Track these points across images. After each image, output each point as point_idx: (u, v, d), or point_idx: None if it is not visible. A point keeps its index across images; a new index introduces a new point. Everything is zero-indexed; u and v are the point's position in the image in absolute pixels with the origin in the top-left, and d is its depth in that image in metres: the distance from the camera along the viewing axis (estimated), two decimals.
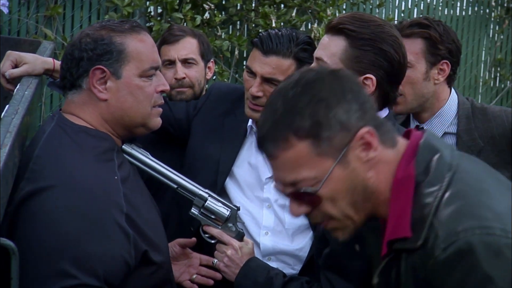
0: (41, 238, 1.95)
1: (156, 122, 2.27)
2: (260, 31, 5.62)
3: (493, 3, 7.68)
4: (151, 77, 2.19)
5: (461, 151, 2.84)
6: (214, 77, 5.77)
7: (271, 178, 2.75)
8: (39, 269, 1.93)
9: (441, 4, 7.56)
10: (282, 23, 5.95)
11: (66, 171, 2.02)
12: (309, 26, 6.30)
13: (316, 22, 6.22)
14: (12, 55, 2.47)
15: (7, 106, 2.11)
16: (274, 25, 5.78)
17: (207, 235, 2.49)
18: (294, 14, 6.05)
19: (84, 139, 2.11)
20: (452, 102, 2.92)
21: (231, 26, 6.19)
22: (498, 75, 7.92)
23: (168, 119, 2.89)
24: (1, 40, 2.99)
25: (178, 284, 2.54)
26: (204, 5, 5.76)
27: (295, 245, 2.71)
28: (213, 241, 2.49)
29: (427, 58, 2.82)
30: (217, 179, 2.76)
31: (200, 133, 2.87)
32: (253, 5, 6.14)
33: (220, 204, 2.46)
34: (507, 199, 1.63)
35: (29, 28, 5.53)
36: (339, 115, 1.62)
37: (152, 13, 5.87)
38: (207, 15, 5.77)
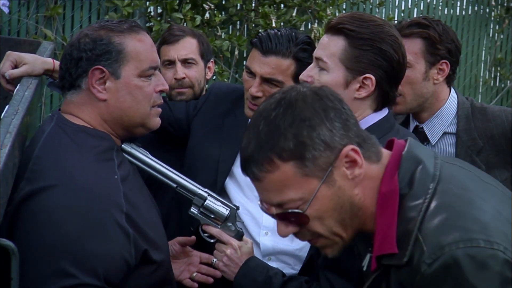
0: (41, 237, 1.95)
1: (156, 122, 2.26)
2: (259, 31, 5.62)
3: (493, 3, 7.68)
4: (150, 77, 2.19)
5: (460, 151, 2.85)
6: (214, 77, 5.77)
7: None
8: (39, 268, 1.93)
9: (441, 3, 7.56)
10: (282, 23, 5.95)
11: (66, 171, 2.02)
12: (309, 26, 6.30)
13: (316, 22, 6.22)
14: (12, 55, 2.47)
15: (7, 106, 2.11)
16: (274, 25, 5.79)
17: (206, 235, 2.49)
18: (294, 14, 6.06)
19: (83, 138, 2.11)
20: (451, 102, 2.92)
21: (231, 26, 6.20)
22: (498, 74, 7.92)
23: (168, 119, 2.89)
24: (1, 40, 2.99)
25: (179, 282, 2.54)
26: (204, 5, 5.76)
27: (295, 245, 2.71)
28: (212, 241, 2.48)
29: (427, 58, 2.81)
30: (217, 179, 2.76)
31: (200, 133, 2.87)
32: (253, 5, 6.14)
33: (219, 203, 2.46)
34: (491, 207, 1.63)
35: (29, 29, 5.53)
36: (323, 134, 1.61)
37: (152, 13, 5.87)
38: (207, 15, 5.78)
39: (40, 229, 1.95)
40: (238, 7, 6.04)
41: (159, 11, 5.83)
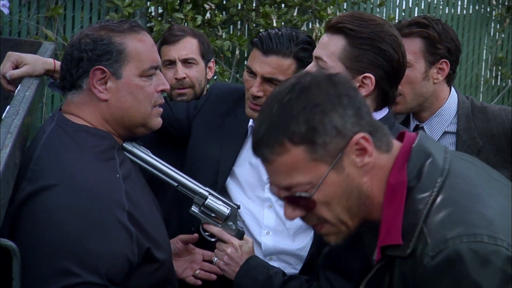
0: (43, 237, 1.95)
1: (157, 122, 2.27)
2: (260, 31, 5.62)
3: (494, 2, 7.67)
4: (151, 77, 2.20)
5: (460, 150, 2.85)
6: (215, 77, 5.77)
7: None
8: (41, 268, 1.94)
9: (442, 3, 7.55)
10: (283, 23, 5.95)
11: (67, 170, 2.02)
12: (310, 26, 6.30)
13: (317, 21, 6.22)
14: (13, 56, 2.47)
15: (8, 107, 2.11)
16: (275, 24, 5.79)
17: (207, 233, 2.49)
18: (295, 14, 6.06)
19: (84, 138, 2.12)
20: (452, 101, 2.92)
21: (231, 26, 6.20)
22: (499, 73, 7.92)
23: (169, 119, 2.89)
24: (1, 41, 3.00)
25: (181, 280, 2.54)
26: (205, 5, 5.76)
27: (297, 244, 2.71)
28: (213, 239, 2.49)
29: (426, 58, 2.81)
30: (217, 179, 2.76)
31: (201, 133, 2.87)
32: (254, 4, 6.14)
33: (220, 202, 2.46)
34: (498, 203, 1.63)
35: (29, 29, 5.54)
36: (335, 120, 1.62)
37: (153, 14, 5.88)
38: (208, 15, 5.78)
39: (42, 229, 1.96)
40: (239, 7, 6.04)
41: (160, 11, 5.83)
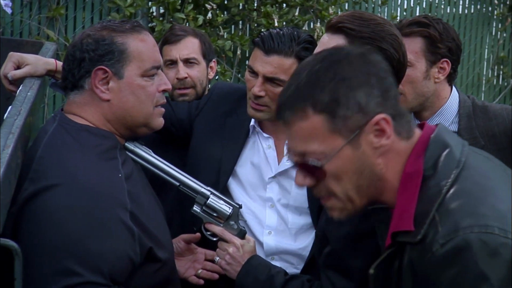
0: (45, 237, 1.95)
1: (159, 122, 2.26)
2: (262, 30, 5.62)
3: (496, 1, 7.67)
4: (153, 77, 2.20)
5: None
6: (216, 77, 5.78)
7: (273, 178, 2.75)
8: (44, 268, 1.94)
9: (443, 2, 7.55)
10: (284, 23, 5.96)
11: (69, 170, 2.02)
12: (311, 25, 6.30)
13: (319, 21, 6.22)
14: (15, 56, 2.47)
15: (9, 107, 2.11)
16: (276, 24, 5.79)
17: (209, 233, 2.49)
18: (296, 14, 6.06)
19: (86, 138, 2.12)
20: (453, 101, 2.91)
21: (233, 26, 6.21)
22: (501, 73, 7.91)
23: (171, 119, 2.89)
24: (3, 41, 3.00)
25: (184, 279, 2.55)
26: (206, 5, 5.77)
27: (298, 244, 2.72)
28: (215, 239, 2.49)
29: (427, 57, 2.81)
30: (219, 178, 2.76)
31: (202, 133, 2.87)
32: (255, 4, 6.14)
33: (222, 202, 2.47)
34: (510, 198, 1.63)
35: (31, 29, 5.55)
36: (359, 97, 1.64)
37: (154, 14, 5.89)
38: (209, 15, 5.78)
39: (44, 229, 1.96)
40: (240, 7, 6.05)
41: (161, 11, 5.84)
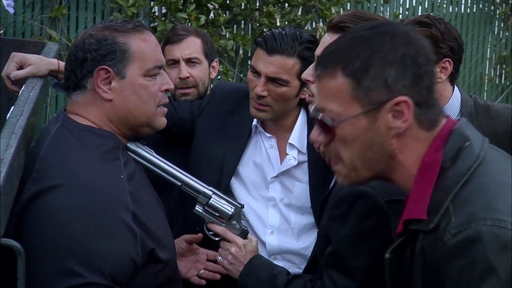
0: (47, 237, 1.95)
1: (161, 121, 2.26)
2: (264, 30, 5.63)
3: (498, 0, 7.67)
4: (155, 76, 2.19)
5: None
6: (218, 77, 5.78)
7: (276, 177, 2.75)
8: (46, 268, 1.94)
9: (445, 1, 7.55)
10: (286, 22, 5.96)
11: (71, 170, 2.02)
12: (313, 25, 6.30)
13: (321, 20, 6.22)
14: (17, 56, 2.47)
15: (12, 107, 2.11)
16: (278, 24, 5.79)
17: (211, 233, 2.49)
18: (299, 13, 6.06)
19: (88, 138, 2.11)
20: (455, 100, 2.91)
21: (235, 26, 6.21)
22: (503, 72, 7.91)
23: (173, 119, 2.89)
24: (6, 41, 3.00)
25: (186, 280, 2.55)
26: (208, 5, 5.77)
27: (301, 243, 2.72)
28: (217, 239, 2.49)
29: None
30: (221, 178, 2.76)
31: (205, 133, 2.87)
32: (257, 4, 6.14)
33: (224, 201, 2.46)
34: None
35: (33, 30, 5.55)
36: (388, 73, 1.65)
37: (157, 14, 5.89)
38: (212, 15, 5.79)
39: (46, 229, 1.96)
40: (243, 7, 6.05)
41: (164, 11, 5.84)
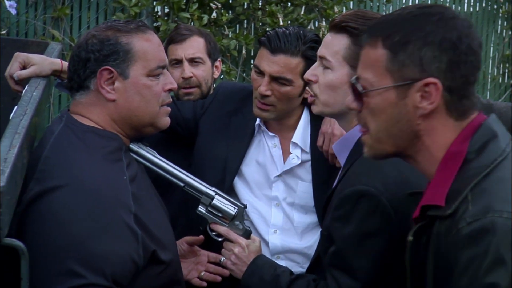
0: (49, 238, 1.95)
1: (165, 121, 2.26)
2: (267, 29, 5.62)
3: None
4: (158, 76, 2.19)
5: None
6: (221, 76, 5.78)
7: (279, 176, 2.75)
8: (48, 268, 1.94)
9: (448, 0, 7.55)
10: (289, 22, 5.95)
11: (74, 171, 2.02)
12: (316, 24, 6.30)
13: (324, 20, 6.21)
14: (20, 56, 2.47)
15: (15, 107, 2.12)
16: (281, 23, 5.79)
17: (214, 233, 2.48)
18: (302, 13, 6.05)
19: (92, 139, 2.11)
20: None
21: (238, 25, 6.20)
22: (506, 71, 7.90)
23: (176, 118, 2.89)
24: (9, 41, 3.01)
25: (187, 281, 2.54)
26: (211, 4, 5.77)
27: (304, 243, 2.72)
28: (220, 239, 2.49)
29: None
30: (225, 178, 2.76)
31: (208, 132, 2.87)
32: (260, 3, 6.14)
33: (227, 202, 2.46)
34: None
35: (36, 30, 5.56)
36: (425, 53, 1.68)
37: (159, 13, 5.89)
38: (214, 14, 5.78)
39: (48, 229, 1.96)
40: (245, 6, 6.05)
41: (166, 11, 5.84)
